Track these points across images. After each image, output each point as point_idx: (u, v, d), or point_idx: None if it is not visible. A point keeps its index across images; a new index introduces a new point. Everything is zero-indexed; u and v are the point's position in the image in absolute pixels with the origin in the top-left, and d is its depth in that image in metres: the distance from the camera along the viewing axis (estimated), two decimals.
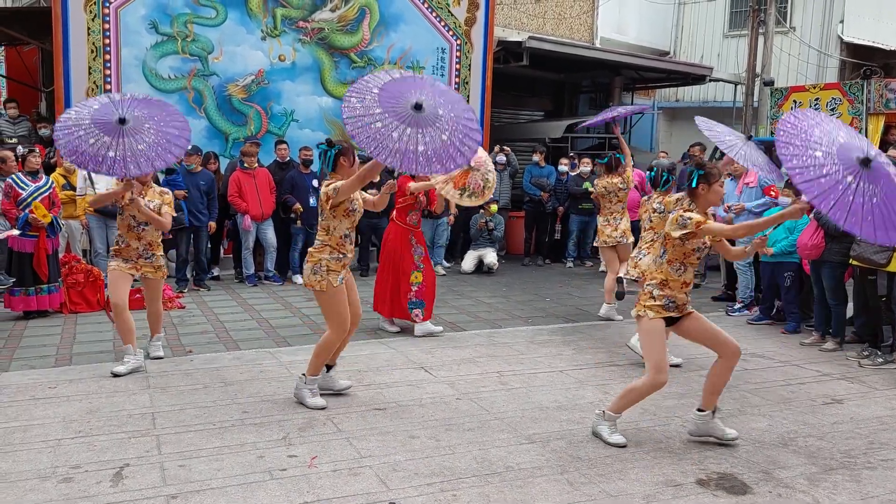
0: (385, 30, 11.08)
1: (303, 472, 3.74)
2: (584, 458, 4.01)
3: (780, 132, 3.63)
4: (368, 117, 4.09)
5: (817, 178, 3.41)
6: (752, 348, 6.51)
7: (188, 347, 6.11)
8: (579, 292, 9.22)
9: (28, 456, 3.84)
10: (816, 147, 3.51)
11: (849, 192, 3.37)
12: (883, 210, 3.41)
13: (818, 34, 17.07)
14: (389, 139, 4.01)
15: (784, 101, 13.59)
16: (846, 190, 3.38)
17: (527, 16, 15.41)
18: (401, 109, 4.11)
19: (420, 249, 6.72)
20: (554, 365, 5.81)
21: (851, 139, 3.64)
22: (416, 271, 6.64)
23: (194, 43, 9.80)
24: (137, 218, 5.37)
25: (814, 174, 3.42)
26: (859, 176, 3.45)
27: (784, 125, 3.64)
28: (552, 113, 16.87)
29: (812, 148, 3.51)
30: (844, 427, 4.62)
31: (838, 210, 3.36)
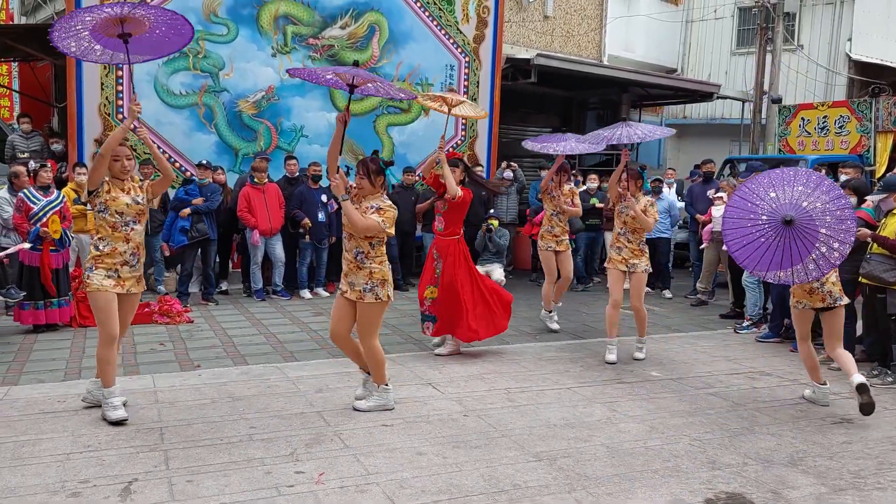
0: (394, 47, 11.18)
1: (310, 488, 3.74)
2: (592, 476, 4.00)
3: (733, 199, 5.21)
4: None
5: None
6: (761, 366, 6.49)
7: (196, 362, 6.13)
8: (587, 308, 9.21)
9: (37, 470, 3.86)
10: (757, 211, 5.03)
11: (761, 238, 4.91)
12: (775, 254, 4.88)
13: (826, 52, 17.11)
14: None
15: (792, 118, 13.62)
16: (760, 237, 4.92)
17: (535, 33, 15.50)
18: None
19: (440, 263, 6.44)
20: (562, 382, 5.80)
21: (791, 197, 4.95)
22: (432, 286, 6.44)
23: (206, 59, 9.90)
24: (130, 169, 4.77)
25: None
26: (778, 233, 4.87)
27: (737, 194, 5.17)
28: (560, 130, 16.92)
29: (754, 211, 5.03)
30: (854, 447, 4.59)
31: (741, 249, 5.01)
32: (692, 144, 19.29)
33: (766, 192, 4.98)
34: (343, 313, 4.90)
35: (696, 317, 8.88)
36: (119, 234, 4.62)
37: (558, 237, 7.53)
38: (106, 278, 4.54)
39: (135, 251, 4.69)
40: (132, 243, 4.68)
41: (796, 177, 5.01)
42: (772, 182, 4.99)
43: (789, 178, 5.00)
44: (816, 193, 4.88)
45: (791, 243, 4.81)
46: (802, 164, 11.20)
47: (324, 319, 7.90)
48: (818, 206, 4.83)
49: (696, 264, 10.31)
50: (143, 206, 4.75)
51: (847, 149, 12.49)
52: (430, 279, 6.47)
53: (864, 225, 6.16)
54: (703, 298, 9.64)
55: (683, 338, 7.65)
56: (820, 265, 4.85)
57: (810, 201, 4.84)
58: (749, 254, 4.90)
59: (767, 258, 4.87)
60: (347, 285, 4.84)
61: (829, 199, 4.88)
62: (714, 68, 19.03)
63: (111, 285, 4.55)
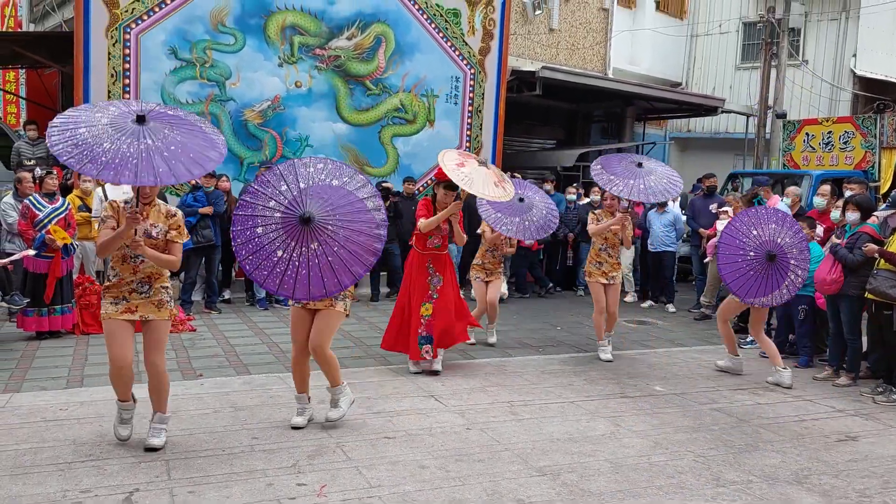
0: (400, 58, 11.22)
1: (312, 500, 3.72)
2: (596, 492, 3.97)
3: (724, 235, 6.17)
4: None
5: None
6: (765, 382, 6.45)
7: (199, 371, 6.12)
8: (590, 322, 9.16)
9: (38, 479, 3.84)
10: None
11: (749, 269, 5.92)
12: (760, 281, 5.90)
13: (831, 67, 17.15)
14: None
15: (796, 133, 13.62)
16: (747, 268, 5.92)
17: (540, 46, 15.56)
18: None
19: (438, 279, 6.18)
20: (565, 396, 5.78)
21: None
22: (427, 303, 6.14)
23: (212, 69, 9.94)
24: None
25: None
26: (763, 266, 5.93)
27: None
28: (564, 142, 16.96)
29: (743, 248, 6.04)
30: (859, 465, 4.56)
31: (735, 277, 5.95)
32: (696, 158, 19.30)
33: (749, 231, 6.06)
34: (306, 325, 4.72)
35: (700, 331, 8.86)
36: (127, 265, 4.25)
37: (608, 273, 6.98)
38: (112, 304, 4.23)
39: (144, 280, 4.27)
40: (140, 274, 4.26)
41: (768, 216, 6.17)
42: (751, 221, 6.10)
43: (763, 217, 6.15)
44: (784, 230, 6.07)
45: (772, 273, 6.00)
46: (807, 180, 11.20)
47: None
48: (787, 241, 6.04)
49: (699, 278, 10.29)
50: (157, 240, 4.25)
51: (852, 164, 12.49)
52: (425, 296, 6.16)
53: (871, 241, 6.15)
54: (706, 312, 9.61)
55: (687, 352, 7.62)
56: (790, 290, 6.10)
57: (782, 237, 6.03)
58: (741, 284, 6.00)
59: (755, 288, 6.03)
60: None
61: (793, 233, 6.11)
62: (718, 82, 19.07)
63: (116, 311, 4.21)
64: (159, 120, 3.96)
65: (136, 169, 3.67)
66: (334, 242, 4.21)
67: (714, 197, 10.25)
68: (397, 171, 11.29)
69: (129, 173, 3.66)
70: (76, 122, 3.83)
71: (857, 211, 6.38)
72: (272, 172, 4.35)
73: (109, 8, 9.14)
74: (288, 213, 4.19)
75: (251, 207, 4.23)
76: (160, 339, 4.33)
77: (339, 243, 4.22)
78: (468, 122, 11.84)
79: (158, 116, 3.99)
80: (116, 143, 3.74)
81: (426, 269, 6.20)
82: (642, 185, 6.46)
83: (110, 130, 3.79)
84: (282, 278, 4.15)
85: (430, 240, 6.18)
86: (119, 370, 4.22)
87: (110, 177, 3.69)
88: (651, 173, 6.59)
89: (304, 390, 4.86)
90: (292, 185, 4.24)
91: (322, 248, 4.19)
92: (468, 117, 11.81)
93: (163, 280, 4.35)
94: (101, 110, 3.96)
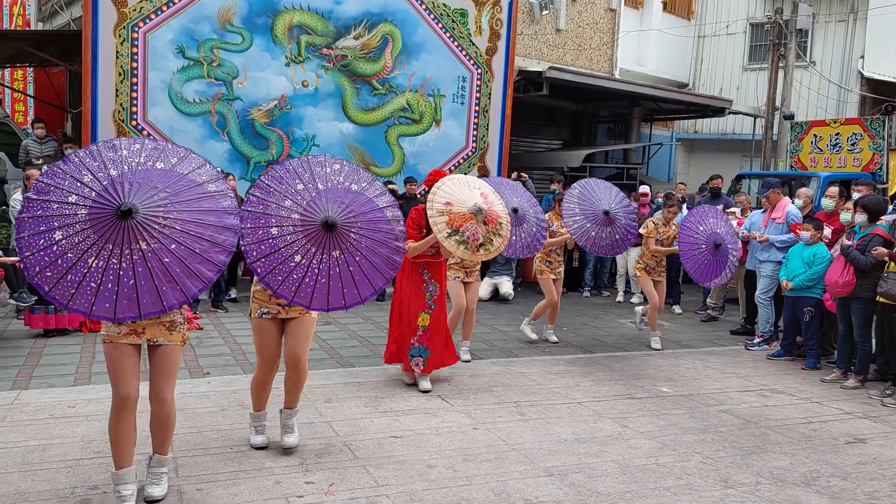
0: (407, 58, 11.21)
1: (320, 498, 3.72)
2: (604, 492, 3.96)
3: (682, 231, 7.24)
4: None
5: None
6: (772, 384, 6.44)
7: (206, 369, 6.13)
8: (596, 323, 9.17)
9: (47, 476, 3.85)
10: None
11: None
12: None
13: (838, 69, 17.09)
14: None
15: (804, 135, 13.59)
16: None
17: (547, 46, 15.55)
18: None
19: (434, 287, 5.73)
20: (571, 396, 5.77)
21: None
22: (425, 312, 5.68)
23: (220, 68, 9.95)
24: None
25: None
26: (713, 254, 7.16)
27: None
28: (570, 142, 16.94)
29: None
30: (868, 468, 4.54)
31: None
32: (703, 159, 19.27)
33: (697, 227, 7.24)
34: (277, 337, 4.24)
35: (707, 332, 8.83)
36: None
37: (555, 269, 7.65)
38: (114, 326, 3.46)
39: None
40: None
41: (707, 213, 7.41)
42: (697, 220, 7.29)
43: (703, 213, 7.39)
44: (720, 222, 7.34)
45: (719, 259, 7.22)
46: (815, 182, 11.16)
47: (332, 328, 7.89)
48: (723, 230, 7.28)
49: None
50: None
51: (859, 166, 12.45)
52: (422, 304, 5.68)
53: (882, 242, 6.12)
54: (713, 314, 9.59)
55: (694, 354, 7.60)
56: (731, 269, 7.34)
57: (719, 227, 7.26)
58: (702, 272, 7.25)
59: (710, 272, 7.25)
60: (281, 305, 4.15)
61: (726, 223, 7.43)
62: (726, 84, 19.03)
63: (119, 334, 3.46)
64: (148, 191, 3.20)
65: (137, 295, 3.15)
66: (356, 252, 3.84)
67: (720, 198, 10.23)
68: (403, 170, 11.29)
69: (130, 304, 3.15)
70: (49, 217, 3.10)
71: (865, 213, 6.36)
72: (284, 168, 3.92)
73: (117, 7, 9.15)
74: (308, 215, 3.78)
75: (263, 205, 3.76)
76: (171, 367, 3.62)
77: (362, 253, 3.86)
78: (475, 122, 11.83)
79: (149, 181, 3.23)
80: (102, 258, 3.10)
81: (420, 274, 5.70)
82: (593, 234, 7.18)
83: (92, 235, 3.11)
84: (298, 286, 3.71)
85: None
86: (123, 405, 3.46)
87: (106, 314, 3.13)
88: (612, 223, 7.24)
89: (265, 407, 4.41)
90: (309, 186, 3.86)
91: (344, 258, 3.81)
92: (475, 117, 11.80)
93: None
94: (73, 185, 3.16)
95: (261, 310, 4.16)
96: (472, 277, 6.58)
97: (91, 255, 3.13)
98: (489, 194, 5.52)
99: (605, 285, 11.64)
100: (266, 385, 4.36)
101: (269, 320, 4.16)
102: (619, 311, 10.05)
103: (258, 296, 4.16)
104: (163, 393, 3.60)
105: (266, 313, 4.16)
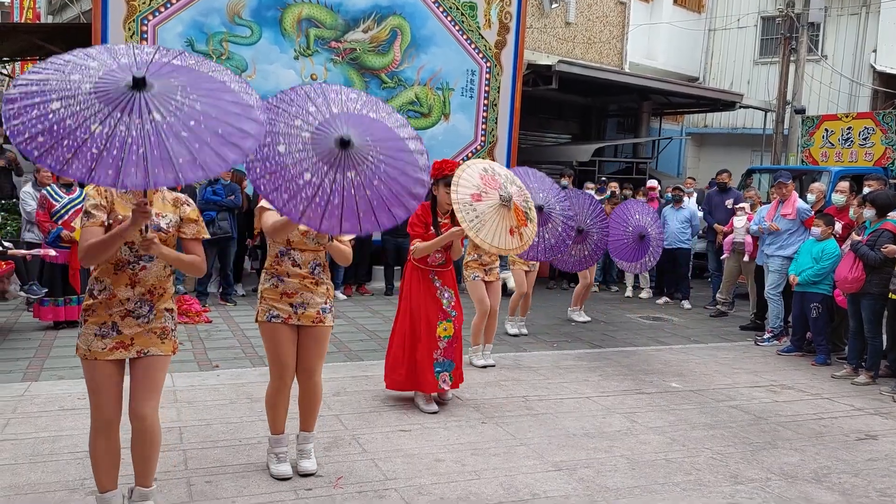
0: (416, 51, 11.18)
1: (328, 492, 3.72)
2: (613, 488, 3.95)
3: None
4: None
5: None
6: (782, 379, 6.41)
7: (215, 362, 6.14)
8: (605, 317, 9.14)
9: (56, 467, 3.87)
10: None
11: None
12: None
13: (850, 63, 16.94)
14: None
15: (815, 129, 13.49)
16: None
17: (556, 39, 15.47)
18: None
19: (449, 293, 5.13)
20: (580, 391, 5.75)
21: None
22: (446, 321, 5.06)
23: (229, 61, 9.94)
24: (155, 255, 3.10)
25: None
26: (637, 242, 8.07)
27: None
28: (579, 136, 16.88)
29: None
30: (880, 464, 4.51)
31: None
32: (713, 153, 19.15)
33: (629, 219, 8.33)
34: (294, 344, 3.84)
35: (716, 328, 8.80)
36: (122, 275, 3.08)
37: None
38: (96, 339, 3.07)
39: (144, 297, 3.13)
40: (141, 287, 3.12)
41: (637, 208, 8.54)
42: (624, 213, 8.40)
43: (634, 209, 8.48)
44: (648, 218, 8.36)
45: (641, 247, 8.26)
46: (826, 176, 11.08)
47: (341, 323, 7.89)
48: (648, 220, 8.33)
49: (714, 274, 10.22)
50: (167, 233, 3.17)
51: (871, 161, 12.35)
52: (440, 313, 5.06)
53: (892, 238, 6.08)
54: (722, 309, 9.55)
55: (703, 349, 7.57)
56: (654, 258, 8.38)
57: (644, 220, 8.31)
58: (625, 256, 8.35)
59: (635, 257, 8.30)
60: (293, 307, 3.79)
61: (652, 216, 8.50)
62: (736, 77, 18.90)
63: (105, 349, 3.07)
64: (165, 77, 2.78)
65: (146, 163, 2.56)
66: (374, 176, 3.36)
67: (730, 192, 10.17)
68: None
69: (137, 171, 2.55)
70: (44, 91, 2.64)
71: (874, 208, 6.32)
72: (295, 92, 3.51)
73: (127, 0, 9.16)
74: (320, 133, 3.35)
75: (270, 123, 3.27)
76: (156, 378, 3.16)
77: (380, 178, 3.37)
78: (483, 116, 11.79)
79: (162, 72, 2.80)
80: (108, 125, 2.60)
81: (431, 282, 5.08)
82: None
83: (97, 104, 2.63)
84: (308, 205, 3.21)
85: (431, 255, 5.08)
86: (105, 428, 3.11)
87: (108, 179, 2.52)
88: (584, 240, 7.60)
89: (284, 428, 3.96)
90: (322, 108, 3.45)
91: (360, 180, 3.33)
92: (483, 111, 11.76)
93: (167, 298, 3.22)
94: (76, 68, 2.74)
95: (270, 312, 3.77)
96: (493, 276, 6.21)
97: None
98: (517, 185, 5.13)
99: (614, 280, 11.60)
100: (282, 397, 3.87)
101: (281, 325, 3.76)
102: (627, 307, 10.02)
103: (267, 295, 3.79)
104: (144, 408, 3.11)
105: (276, 317, 3.76)
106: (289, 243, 3.79)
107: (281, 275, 3.79)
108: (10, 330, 6.99)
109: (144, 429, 3.13)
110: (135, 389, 3.12)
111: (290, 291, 3.78)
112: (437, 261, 5.09)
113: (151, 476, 3.23)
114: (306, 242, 3.79)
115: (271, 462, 3.91)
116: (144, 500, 3.23)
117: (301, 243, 3.79)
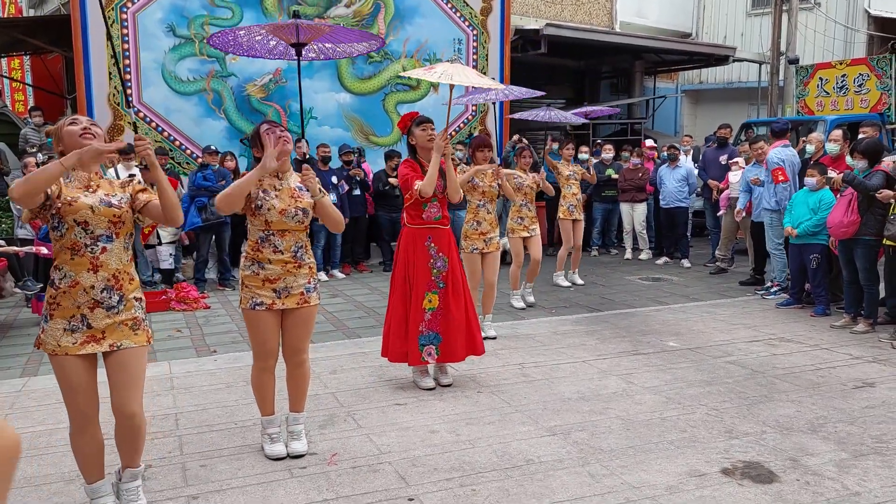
0: (400, 23, 11.05)
1: (322, 469, 3.74)
2: (607, 449, 3.96)
3: None
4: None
5: None
6: (781, 332, 6.39)
7: (212, 347, 6.16)
8: (604, 281, 9.12)
9: (53, 459, 3.89)
10: None
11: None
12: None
13: (844, 9, 16.68)
14: None
15: (810, 78, 13.33)
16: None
17: (544, 2, 15.25)
18: None
19: (442, 262, 4.89)
20: (577, 355, 5.75)
21: None
22: (431, 293, 4.89)
23: None
24: (153, 181, 3.05)
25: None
26: None
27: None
28: (573, 101, 16.70)
29: None
30: (876, 411, 4.50)
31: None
32: (709, 110, 18.98)
33: None
34: (278, 329, 3.78)
35: (715, 285, 8.77)
36: (81, 259, 2.93)
37: (528, 227, 7.23)
38: (65, 334, 2.93)
39: (110, 283, 2.97)
40: (104, 272, 2.95)
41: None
42: None
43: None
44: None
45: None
46: (822, 126, 10.96)
47: (339, 301, 7.90)
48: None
49: (713, 232, 10.17)
50: (121, 209, 2.99)
51: (867, 107, 12.20)
52: (428, 284, 4.88)
53: (886, 178, 6.03)
54: (722, 266, 9.51)
55: (702, 306, 7.56)
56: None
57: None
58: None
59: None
60: (276, 292, 3.70)
61: None
62: (729, 31, 18.64)
63: (73, 344, 2.93)
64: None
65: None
66: (327, 39, 5.11)
67: (726, 148, 10.07)
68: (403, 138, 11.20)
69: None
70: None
71: (863, 159, 6.27)
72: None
73: None
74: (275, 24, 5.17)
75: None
76: (136, 373, 3.04)
77: (334, 37, 5.14)
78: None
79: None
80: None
81: (426, 249, 4.88)
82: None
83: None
84: (271, 39, 5.08)
85: (426, 209, 4.86)
86: (84, 426, 3.05)
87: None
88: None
89: (273, 408, 3.94)
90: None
91: (314, 35, 4.96)
92: None
93: (135, 287, 3.08)
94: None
95: (253, 300, 3.68)
96: (492, 247, 6.10)
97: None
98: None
99: (613, 243, 11.56)
100: (267, 379, 3.84)
101: (265, 312, 3.68)
102: (627, 269, 10.00)
103: (248, 282, 3.71)
104: (130, 406, 3.02)
105: (259, 304, 3.68)
106: (268, 225, 3.66)
107: (262, 261, 3.69)
108: (9, 326, 7.03)
109: (133, 425, 3.09)
110: (116, 387, 3.04)
111: (273, 277, 3.69)
112: (432, 215, 4.89)
113: (139, 457, 3.23)
114: (286, 222, 3.69)
115: (265, 443, 3.94)
116: (134, 479, 3.23)
117: (280, 223, 3.68)
